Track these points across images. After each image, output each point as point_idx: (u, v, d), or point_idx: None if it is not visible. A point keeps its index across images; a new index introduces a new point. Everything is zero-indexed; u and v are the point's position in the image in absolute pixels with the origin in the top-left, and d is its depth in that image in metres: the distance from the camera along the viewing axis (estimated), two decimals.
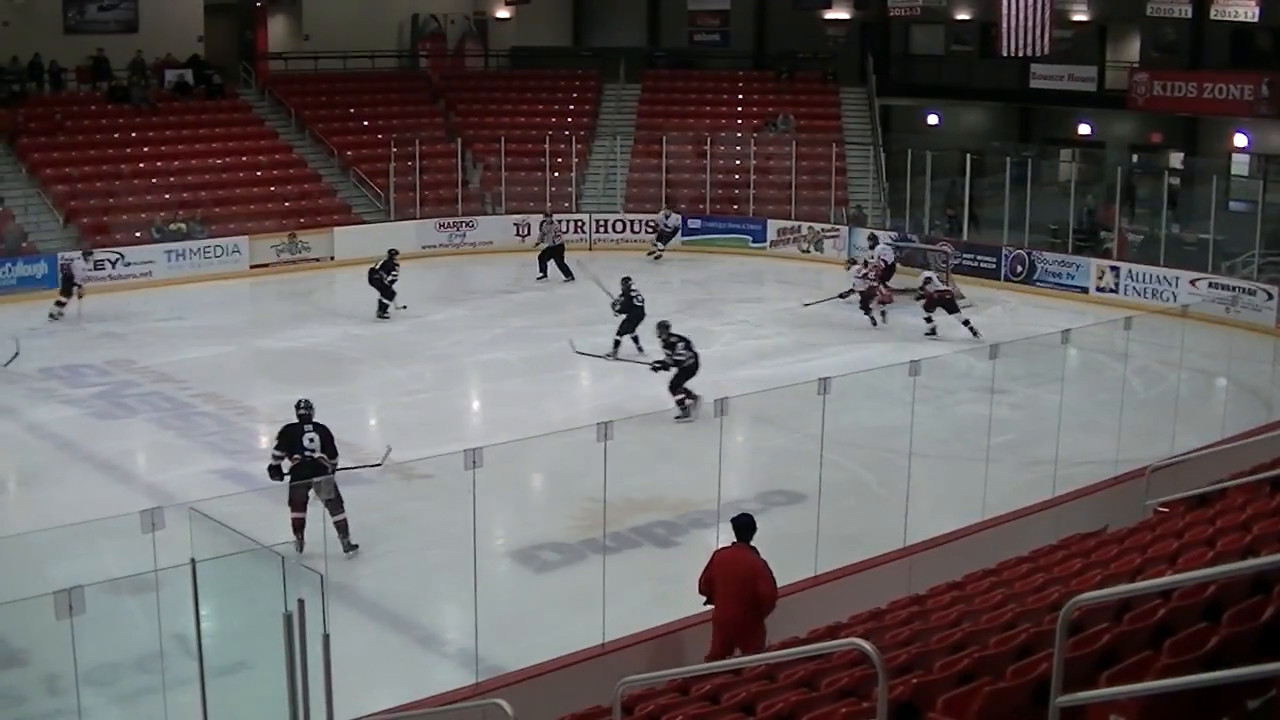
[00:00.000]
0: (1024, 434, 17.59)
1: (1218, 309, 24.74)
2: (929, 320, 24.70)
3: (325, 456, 14.21)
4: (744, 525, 10.98)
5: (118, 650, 10.91)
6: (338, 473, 14.22)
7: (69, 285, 25.58)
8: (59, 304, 25.54)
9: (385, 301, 26.08)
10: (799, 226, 33.40)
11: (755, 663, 8.48)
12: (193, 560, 8.50)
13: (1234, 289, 26.11)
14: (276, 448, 14.39)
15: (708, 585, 10.95)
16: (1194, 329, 21.67)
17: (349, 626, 11.61)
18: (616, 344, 22.64)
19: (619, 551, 14.07)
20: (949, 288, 25.72)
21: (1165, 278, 27.51)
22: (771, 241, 33.53)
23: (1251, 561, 7.27)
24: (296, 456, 14.20)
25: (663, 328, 19.97)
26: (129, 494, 16.01)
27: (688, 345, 19.59)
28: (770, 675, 8.32)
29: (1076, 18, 35.38)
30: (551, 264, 29.84)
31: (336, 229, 32.05)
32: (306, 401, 14.67)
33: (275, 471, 14.29)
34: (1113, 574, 8.95)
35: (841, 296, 26.69)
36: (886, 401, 16.12)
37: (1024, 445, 17.06)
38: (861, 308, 25.78)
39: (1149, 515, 12.56)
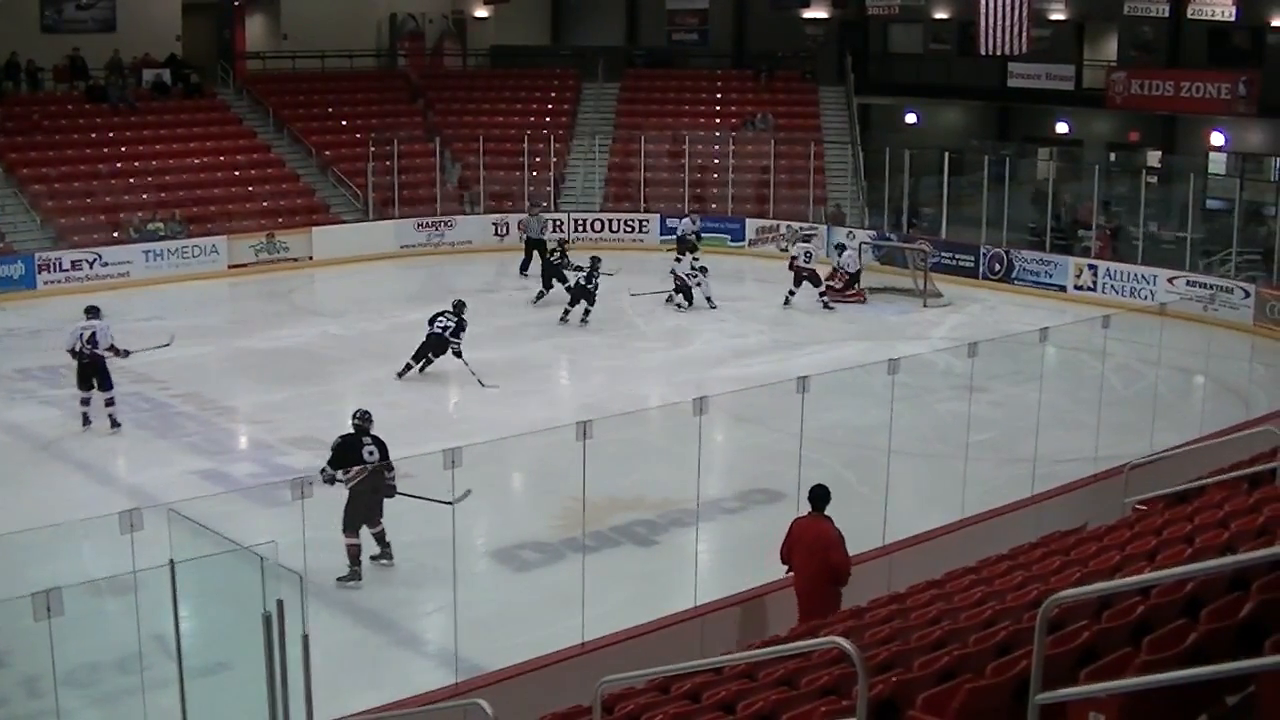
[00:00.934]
0: (1003, 432, 17.65)
1: (1195, 307, 24.85)
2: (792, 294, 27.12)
3: (380, 472, 13.69)
4: (819, 496, 11.43)
5: (97, 651, 10.87)
6: (399, 496, 13.65)
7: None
8: None
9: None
10: (778, 225, 33.43)
11: (735, 661, 8.48)
12: (172, 561, 8.48)
13: (1211, 287, 26.23)
14: (330, 461, 13.86)
15: (787, 554, 11.50)
16: (1172, 327, 21.79)
17: (329, 627, 11.62)
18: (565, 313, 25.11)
19: (599, 551, 14.07)
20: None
21: (1143, 276, 27.62)
22: (750, 240, 33.57)
23: (1230, 558, 7.30)
24: (352, 470, 13.53)
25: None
26: (108, 495, 15.95)
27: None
28: (750, 674, 8.33)
29: (1054, 16, 35.47)
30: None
31: (315, 229, 31.95)
32: (364, 412, 14.17)
33: (328, 479, 13.56)
34: (1092, 571, 8.97)
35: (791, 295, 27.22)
36: (866, 400, 16.17)
37: (1003, 443, 17.13)
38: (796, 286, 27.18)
39: (1128, 513, 12.60)
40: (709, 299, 26.88)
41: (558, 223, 33.72)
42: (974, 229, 30.91)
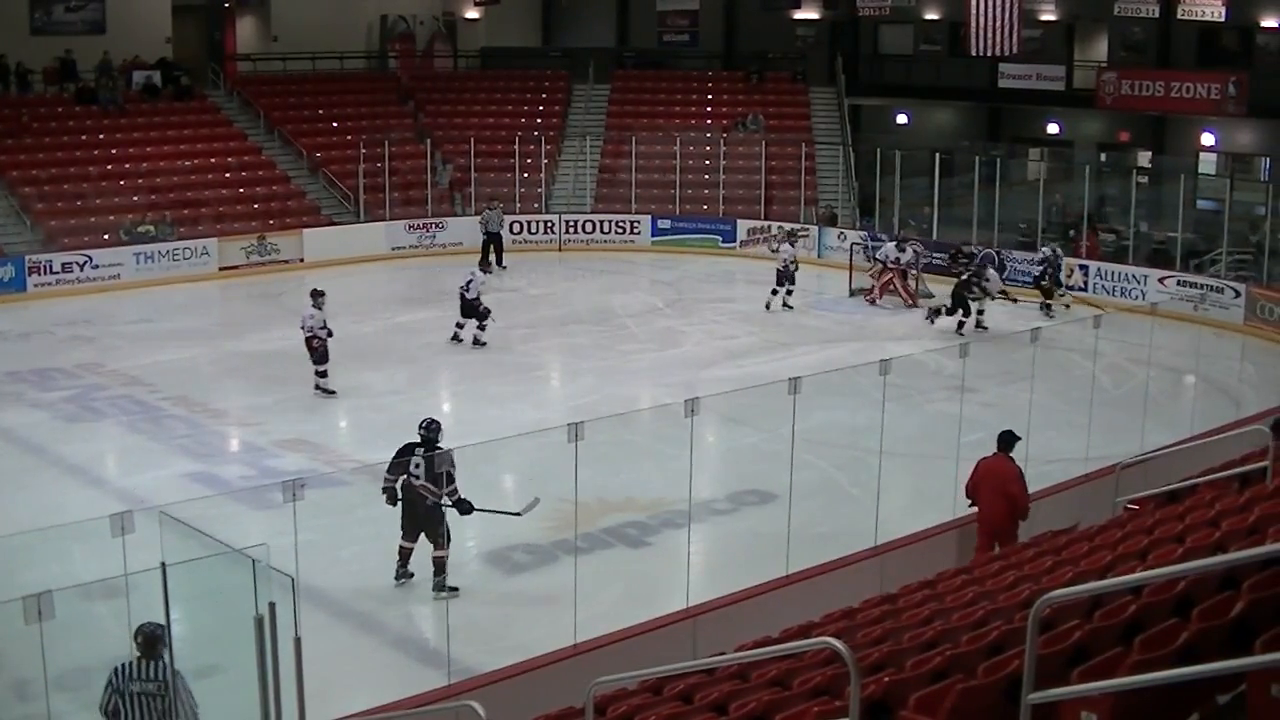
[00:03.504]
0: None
1: (1186, 307, 24.88)
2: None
3: (428, 486, 13.06)
4: (1006, 438, 13.09)
5: (88, 655, 10.83)
6: (474, 513, 13.18)
7: None
8: None
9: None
10: (769, 226, 33.42)
11: (727, 662, 8.48)
12: (163, 564, 8.45)
13: (1202, 287, 26.27)
14: (389, 469, 13.40)
15: (973, 490, 13.06)
16: (1163, 327, 21.81)
17: (321, 629, 11.58)
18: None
19: (591, 552, 14.04)
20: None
21: (1134, 276, 27.67)
22: (741, 241, 33.56)
23: (1221, 557, 7.31)
24: (404, 479, 13.23)
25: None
26: (99, 498, 15.89)
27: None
28: (743, 675, 8.33)
29: (1044, 17, 35.53)
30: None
31: (306, 230, 31.92)
32: (430, 422, 13.52)
33: (390, 495, 13.38)
34: (1083, 571, 8.98)
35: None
36: (857, 401, 16.17)
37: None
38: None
39: (1119, 512, 12.63)
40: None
41: (548, 223, 33.82)
42: (965, 230, 30.93)
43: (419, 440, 13.46)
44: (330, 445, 18.56)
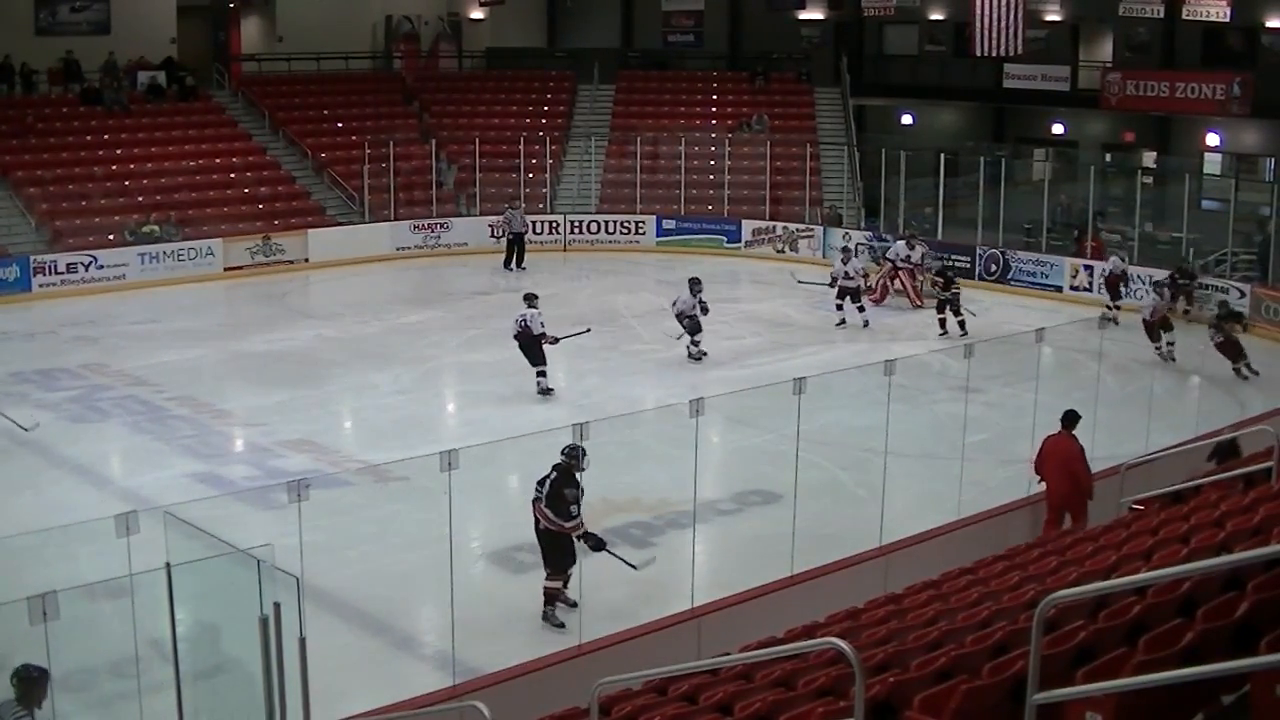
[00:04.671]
0: (999, 432, 17.68)
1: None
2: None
3: (546, 513, 12.62)
4: (1070, 416, 13.66)
5: (93, 655, 10.86)
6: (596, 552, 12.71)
7: None
8: None
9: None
10: (774, 227, 33.43)
11: (732, 663, 8.48)
12: (168, 564, 8.47)
13: (1207, 287, 26.22)
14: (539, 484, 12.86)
15: (1040, 466, 13.63)
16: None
17: (326, 629, 11.60)
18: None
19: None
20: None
21: (1139, 276, 27.61)
22: (746, 242, 33.54)
23: (1225, 558, 7.30)
24: None
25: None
26: (103, 498, 15.91)
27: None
28: (747, 675, 8.33)
29: (1049, 18, 35.49)
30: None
31: (310, 231, 31.91)
32: (572, 448, 12.48)
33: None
34: (1088, 571, 8.98)
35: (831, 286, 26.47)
36: (862, 401, 16.19)
37: (999, 444, 17.15)
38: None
39: (1124, 513, 12.63)
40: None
41: (553, 223, 33.84)
42: (970, 230, 30.93)
43: (560, 465, 12.71)
44: (335, 446, 18.56)
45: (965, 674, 6.77)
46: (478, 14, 42.44)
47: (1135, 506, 12.57)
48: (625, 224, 34.14)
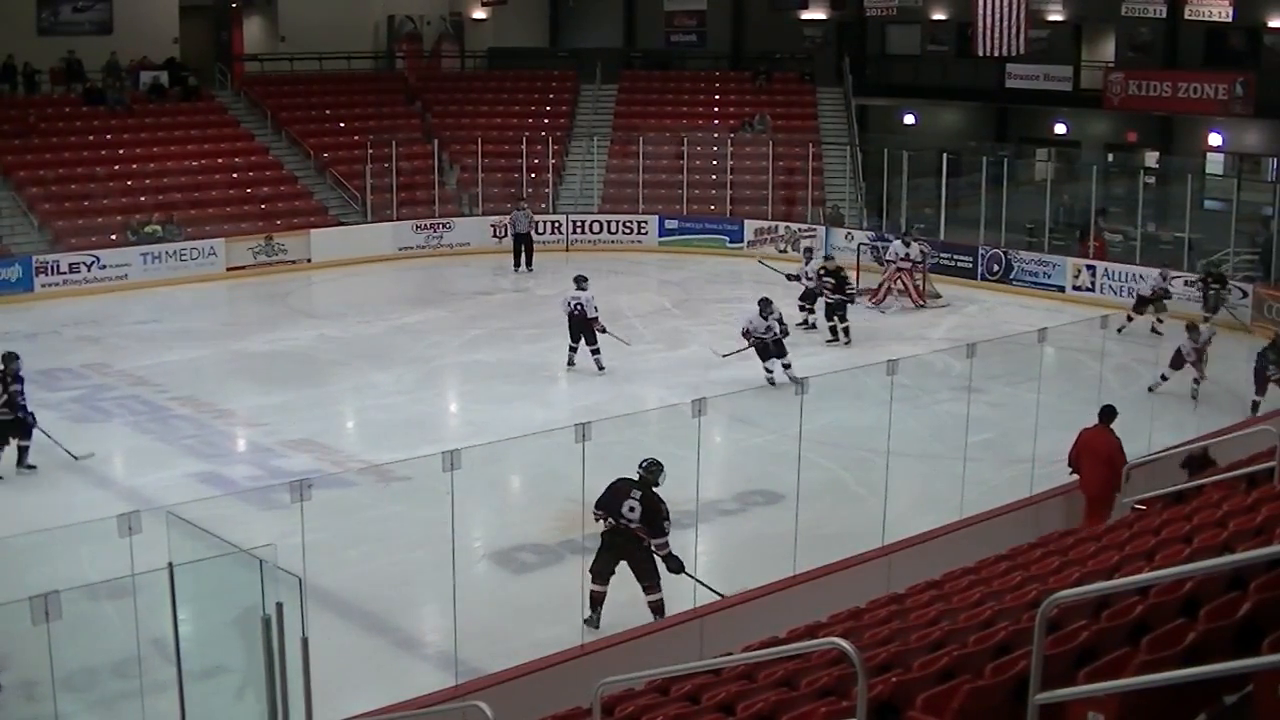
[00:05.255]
0: (1002, 432, 17.66)
1: (1193, 307, 24.83)
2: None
3: (644, 528, 12.33)
4: (1108, 411, 13.99)
5: (95, 655, 10.86)
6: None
7: None
8: None
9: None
10: (776, 226, 33.44)
11: (734, 663, 8.48)
12: (170, 564, 8.47)
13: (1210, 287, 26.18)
14: (597, 503, 12.45)
15: (1076, 460, 13.83)
16: (1170, 327, 21.79)
17: (328, 629, 11.61)
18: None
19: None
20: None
21: (1141, 276, 27.60)
22: (749, 241, 33.53)
23: (1228, 558, 7.29)
24: (612, 520, 12.43)
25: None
26: (106, 498, 15.92)
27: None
28: (750, 675, 8.32)
29: (1052, 18, 35.51)
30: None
31: (313, 231, 31.92)
32: (651, 463, 12.50)
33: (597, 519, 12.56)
34: (1090, 571, 8.98)
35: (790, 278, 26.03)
36: (864, 401, 16.18)
37: (1002, 444, 17.14)
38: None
39: (1126, 513, 12.62)
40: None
41: (555, 223, 33.83)
42: (972, 230, 30.92)
43: (635, 479, 12.52)
44: (337, 446, 18.56)
45: (967, 674, 6.77)
46: (480, 14, 42.47)
47: (1138, 506, 12.57)
48: (627, 224, 34.15)
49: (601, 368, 21.78)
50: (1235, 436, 14.22)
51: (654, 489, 12.41)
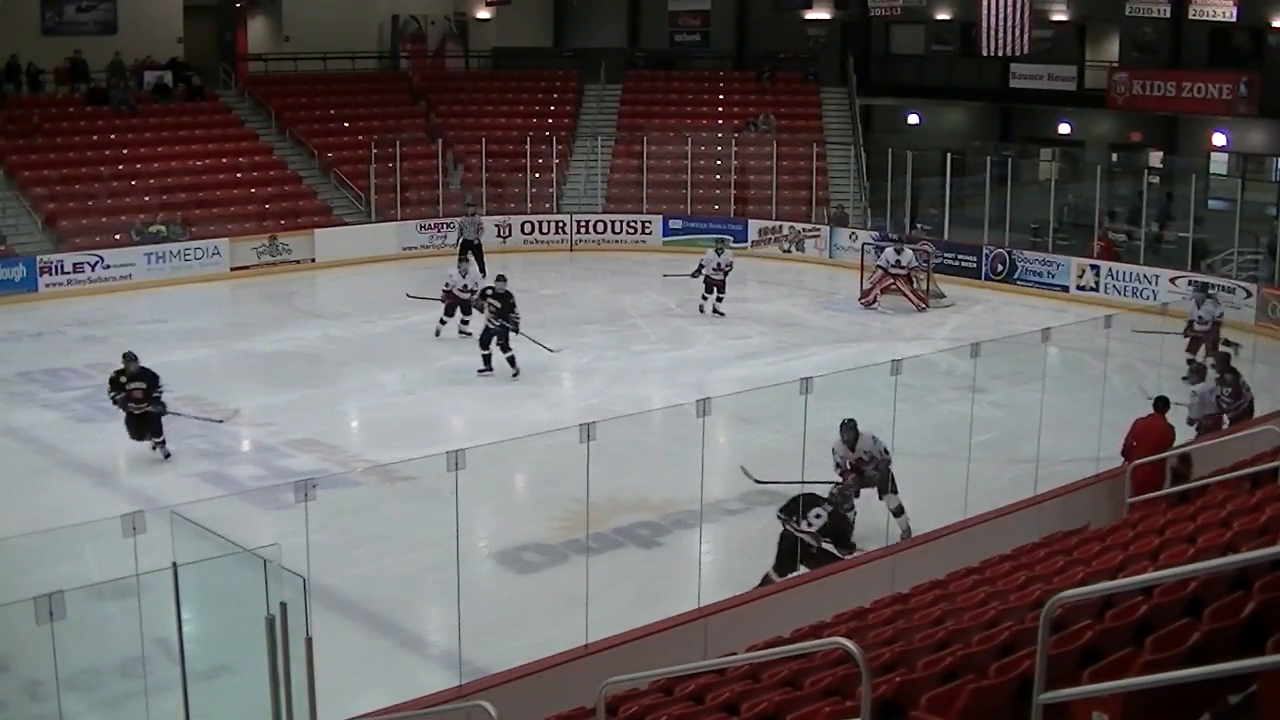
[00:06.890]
0: (1006, 432, 17.64)
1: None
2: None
3: (833, 545, 12.62)
4: (1162, 400, 14.43)
5: (99, 655, 10.87)
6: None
7: None
8: None
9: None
10: (780, 226, 33.46)
11: (738, 663, 8.48)
12: (174, 564, 8.47)
13: (1214, 287, 26.18)
14: (781, 509, 13.11)
15: (1128, 448, 14.00)
16: (1174, 327, 21.77)
17: (332, 629, 11.59)
18: None
19: (602, 552, 14.07)
20: None
21: (1145, 276, 27.63)
22: (753, 241, 33.54)
23: (1232, 558, 7.30)
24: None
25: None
26: (110, 498, 15.95)
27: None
28: (754, 675, 8.33)
29: (1056, 18, 35.51)
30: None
31: (317, 230, 31.95)
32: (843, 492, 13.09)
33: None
34: (1094, 571, 8.98)
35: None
36: (868, 401, 16.14)
37: (1006, 444, 17.11)
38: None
39: (1130, 513, 12.61)
40: None
41: (559, 223, 33.82)
42: (976, 230, 30.91)
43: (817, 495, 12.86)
44: (342, 445, 18.57)
45: (972, 674, 6.77)
46: (484, 14, 42.48)
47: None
48: (631, 224, 34.16)
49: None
50: (1238, 437, 14.22)
51: (844, 509, 12.99)
